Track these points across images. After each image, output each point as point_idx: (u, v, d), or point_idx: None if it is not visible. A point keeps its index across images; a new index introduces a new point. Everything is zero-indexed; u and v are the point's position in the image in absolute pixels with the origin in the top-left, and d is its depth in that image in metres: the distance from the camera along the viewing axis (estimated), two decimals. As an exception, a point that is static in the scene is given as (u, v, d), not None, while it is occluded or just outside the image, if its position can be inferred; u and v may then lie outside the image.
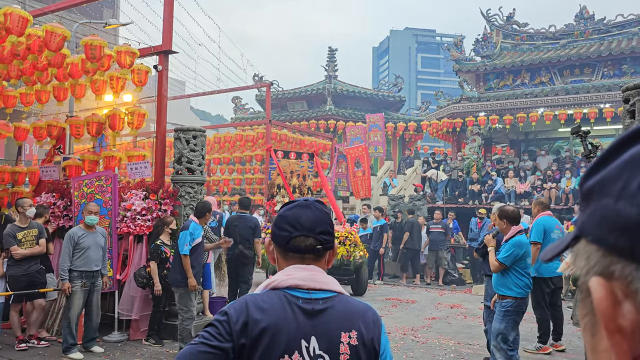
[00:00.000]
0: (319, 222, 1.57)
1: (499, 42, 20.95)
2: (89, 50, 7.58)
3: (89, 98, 9.03)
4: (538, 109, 17.78)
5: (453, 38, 22.64)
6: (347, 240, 10.76)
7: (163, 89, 8.08)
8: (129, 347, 7.08)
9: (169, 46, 8.07)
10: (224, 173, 19.22)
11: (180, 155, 7.81)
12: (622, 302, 0.45)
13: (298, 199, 1.64)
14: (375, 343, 1.54)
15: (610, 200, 0.45)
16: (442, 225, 13.53)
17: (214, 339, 1.43)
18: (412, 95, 79.70)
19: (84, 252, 6.61)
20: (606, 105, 16.73)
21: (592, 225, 0.48)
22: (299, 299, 1.51)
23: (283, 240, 1.56)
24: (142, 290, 7.31)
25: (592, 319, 0.49)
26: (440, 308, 10.22)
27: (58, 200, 8.16)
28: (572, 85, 18.23)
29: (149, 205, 7.57)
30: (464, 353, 7.05)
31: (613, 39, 19.06)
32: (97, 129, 8.45)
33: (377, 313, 1.63)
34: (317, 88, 24.85)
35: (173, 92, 18.80)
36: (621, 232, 0.44)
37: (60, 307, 7.59)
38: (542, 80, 19.28)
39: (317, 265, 1.58)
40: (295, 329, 1.47)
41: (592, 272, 0.48)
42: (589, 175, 0.50)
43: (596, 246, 0.47)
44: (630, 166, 0.45)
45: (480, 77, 20.54)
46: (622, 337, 0.44)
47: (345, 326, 1.52)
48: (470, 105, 19.13)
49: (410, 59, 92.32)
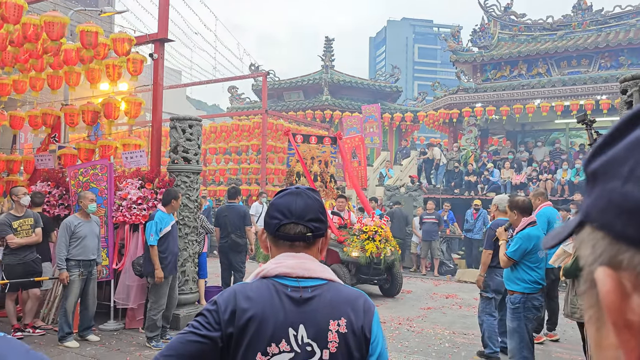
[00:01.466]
0: (310, 210, 1.56)
1: (497, 32, 20.89)
2: (85, 37, 7.52)
3: (84, 86, 8.97)
4: (535, 100, 17.76)
5: (450, 28, 22.56)
6: (377, 236, 9.49)
7: (159, 77, 8.03)
8: (124, 335, 7.09)
9: (164, 34, 8.02)
10: (220, 163, 19.18)
11: (176, 145, 7.78)
12: (630, 294, 0.41)
13: (290, 187, 1.63)
14: (365, 331, 1.53)
15: (618, 183, 0.42)
16: (435, 215, 13.56)
17: (202, 328, 1.44)
18: (409, 86, 79.66)
19: (81, 241, 6.61)
20: (603, 96, 16.72)
21: (597, 211, 0.44)
22: (288, 287, 1.51)
23: (273, 227, 1.56)
24: (138, 279, 7.31)
25: (598, 313, 0.45)
26: (435, 298, 10.27)
27: (53, 189, 8.13)
28: (569, 77, 18.21)
29: (145, 194, 7.56)
30: (458, 342, 7.09)
31: (610, 30, 19.03)
32: (93, 118, 8.41)
33: (370, 300, 1.61)
34: (313, 78, 24.76)
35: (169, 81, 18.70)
36: (630, 218, 0.41)
37: (56, 296, 7.59)
38: (539, 72, 19.25)
39: (308, 253, 1.57)
40: (282, 317, 1.47)
41: (598, 261, 0.44)
42: (593, 156, 0.47)
43: (603, 233, 0.44)
44: (638, 146, 0.42)
45: (477, 68, 20.50)
46: (631, 334, 0.41)
47: (334, 314, 1.51)
48: (467, 96, 19.11)
49: (407, 50, 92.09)
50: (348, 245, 9.53)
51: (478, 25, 21.05)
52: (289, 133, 10.94)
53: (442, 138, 27.12)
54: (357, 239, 9.49)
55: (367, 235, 9.48)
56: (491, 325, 6.27)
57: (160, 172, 7.95)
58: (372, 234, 9.48)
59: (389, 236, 9.85)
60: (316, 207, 1.59)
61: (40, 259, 7.10)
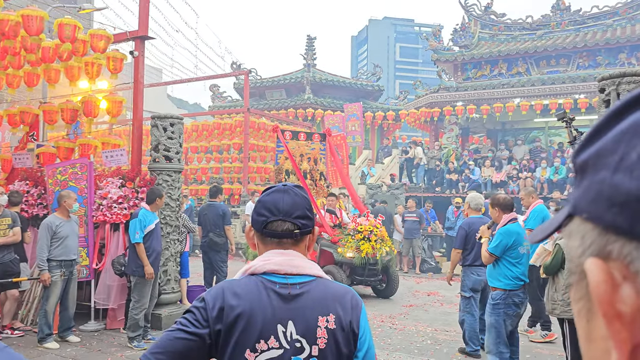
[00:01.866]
0: (297, 207, 1.57)
1: (477, 32, 21.08)
2: (63, 31, 7.42)
3: (63, 84, 8.85)
4: (514, 99, 17.96)
5: (431, 28, 22.71)
6: (373, 235, 9.19)
7: (139, 75, 7.95)
8: (105, 336, 7.02)
9: (145, 32, 7.94)
10: (202, 162, 19.08)
11: (157, 143, 7.72)
12: (620, 285, 0.41)
13: (277, 185, 1.64)
14: (354, 326, 1.54)
15: (607, 174, 0.41)
16: (416, 214, 13.63)
17: (191, 325, 1.44)
18: (391, 85, 79.98)
19: (63, 241, 6.52)
20: (581, 95, 16.97)
21: (587, 202, 0.44)
22: (276, 284, 1.52)
23: (260, 225, 1.57)
24: (119, 279, 7.24)
25: (587, 304, 0.45)
26: (417, 296, 10.33)
27: (32, 188, 8.00)
28: (548, 76, 18.45)
29: (126, 193, 7.48)
30: (440, 339, 7.14)
31: (588, 30, 19.31)
32: (72, 116, 8.29)
33: (357, 296, 1.62)
34: (295, 76, 24.73)
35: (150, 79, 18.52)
36: (620, 208, 0.40)
37: (35, 297, 7.47)
38: (518, 71, 19.47)
39: (295, 250, 1.58)
40: (271, 314, 1.48)
41: (588, 252, 0.44)
42: (582, 148, 0.46)
43: (592, 224, 0.43)
44: (627, 136, 0.41)
45: (458, 67, 20.66)
46: (622, 324, 0.40)
47: (323, 310, 1.52)
48: (448, 95, 19.24)
49: (389, 49, 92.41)
50: (342, 245, 9.27)
51: (459, 25, 21.21)
52: (278, 129, 10.54)
53: (423, 137, 27.27)
54: (352, 239, 9.21)
55: (362, 235, 9.19)
56: (472, 325, 6.32)
57: (141, 171, 7.88)
58: (367, 234, 9.20)
59: (385, 236, 9.59)
60: (303, 204, 1.59)
61: (19, 259, 6.99)
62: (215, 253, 8.84)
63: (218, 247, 8.82)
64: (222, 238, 8.80)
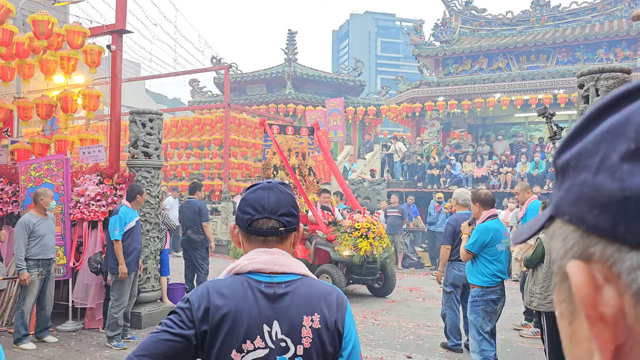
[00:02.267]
0: (282, 204, 1.55)
1: (458, 27, 21.16)
2: (37, 27, 7.24)
3: (38, 79, 8.65)
4: (495, 94, 18.09)
5: (413, 23, 22.71)
6: (370, 233, 8.87)
7: (117, 69, 7.81)
8: (84, 336, 6.89)
9: (122, 25, 7.80)
10: (182, 158, 18.87)
11: (136, 139, 7.58)
12: (603, 287, 0.41)
13: (261, 182, 1.61)
14: (339, 325, 1.54)
15: (589, 175, 0.41)
16: (398, 209, 13.65)
17: (176, 327, 1.43)
18: (372, 80, 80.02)
19: (41, 240, 6.36)
20: (560, 91, 17.15)
21: (568, 203, 0.43)
22: (261, 283, 1.51)
23: (245, 223, 1.55)
24: (97, 277, 7.12)
25: (570, 306, 0.45)
26: (399, 291, 10.33)
27: (6, 185, 7.82)
28: (528, 71, 18.60)
29: (104, 190, 7.35)
30: (422, 335, 7.15)
31: (567, 26, 19.51)
32: (48, 112, 8.11)
33: (343, 295, 1.63)
34: (276, 71, 24.58)
35: (128, 74, 18.29)
36: (601, 210, 0.40)
37: (10, 297, 7.31)
38: (499, 66, 19.61)
39: (281, 248, 1.57)
40: (256, 313, 1.47)
41: (570, 255, 0.44)
42: (563, 149, 0.46)
43: (574, 226, 0.43)
44: (609, 136, 0.41)
45: (439, 62, 20.73)
46: (604, 326, 0.40)
47: (308, 309, 1.51)
48: (430, 90, 19.31)
49: (370, 43, 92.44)
50: (339, 243, 8.95)
51: (440, 20, 21.28)
52: (265, 123, 10.01)
53: (405, 132, 27.34)
54: (349, 237, 8.91)
55: (359, 232, 8.86)
56: (452, 319, 6.35)
57: (119, 168, 7.75)
58: (365, 231, 8.87)
59: (382, 233, 9.26)
60: (288, 201, 1.58)
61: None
62: (194, 251, 8.66)
63: (195, 245, 8.61)
64: (199, 235, 8.59)
